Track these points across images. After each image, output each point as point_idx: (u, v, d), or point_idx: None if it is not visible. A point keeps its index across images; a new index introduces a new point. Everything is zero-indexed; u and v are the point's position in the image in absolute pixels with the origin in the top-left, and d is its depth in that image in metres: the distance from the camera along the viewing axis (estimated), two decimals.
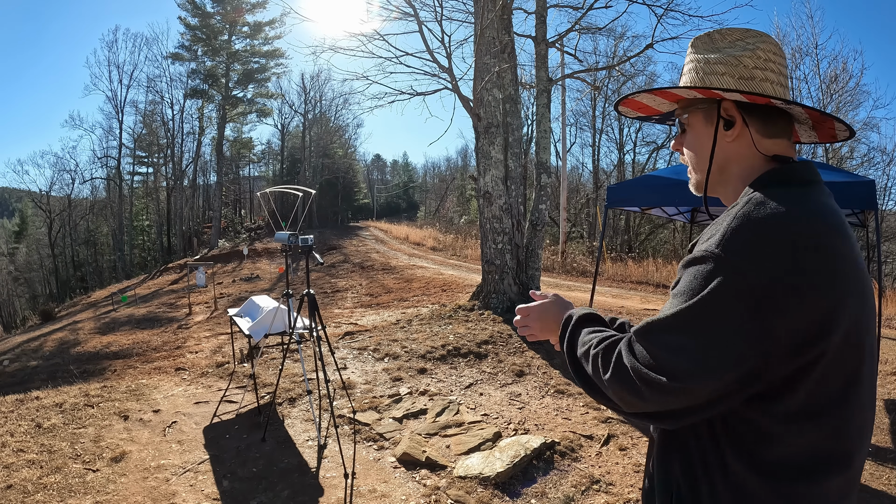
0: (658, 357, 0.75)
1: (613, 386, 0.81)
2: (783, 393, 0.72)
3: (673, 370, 0.73)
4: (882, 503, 2.95)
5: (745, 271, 0.70)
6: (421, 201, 57.69)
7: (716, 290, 0.71)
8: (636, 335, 0.80)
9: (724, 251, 0.72)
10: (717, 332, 0.71)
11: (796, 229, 0.71)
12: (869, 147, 19.50)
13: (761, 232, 0.71)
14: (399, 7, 7.74)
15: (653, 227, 23.37)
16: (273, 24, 31.04)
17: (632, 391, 0.78)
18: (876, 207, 3.77)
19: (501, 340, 5.89)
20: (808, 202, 0.76)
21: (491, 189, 7.32)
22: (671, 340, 0.75)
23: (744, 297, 0.69)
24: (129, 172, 35.80)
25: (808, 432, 0.73)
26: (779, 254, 0.69)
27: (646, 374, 0.75)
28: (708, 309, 0.72)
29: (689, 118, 0.93)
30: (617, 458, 3.40)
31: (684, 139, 0.96)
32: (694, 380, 0.72)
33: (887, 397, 4.55)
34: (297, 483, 3.15)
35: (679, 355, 0.73)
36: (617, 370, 0.80)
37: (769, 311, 0.69)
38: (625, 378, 0.79)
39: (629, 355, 0.79)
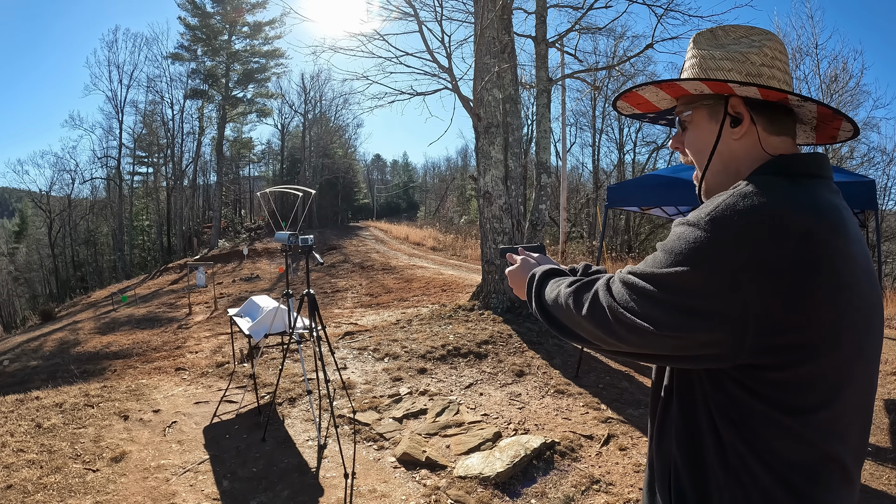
0: (635, 301, 0.78)
1: (589, 323, 0.84)
2: (769, 378, 0.73)
3: (646, 315, 0.77)
4: (882, 503, 2.95)
5: (728, 248, 0.71)
6: (421, 201, 57.67)
7: (698, 260, 0.73)
8: (616, 280, 0.83)
9: (712, 224, 0.73)
10: (691, 299, 0.73)
11: (782, 216, 0.71)
12: (869, 147, 19.50)
13: (749, 211, 0.72)
14: (399, 7, 7.74)
15: (653, 227, 23.37)
16: (273, 24, 31.06)
17: (607, 329, 0.82)
18: (876, 207, 3.77)
19: (501, 340, 5.89)
20: (803, 194, 0.76)
21: (491, 189, 7.32)
22: (649, 291, 0.77)
23: (721, 269, 0.71)
24: (129, 172, 35.82)
25: (801, 426, 0.74)
26: (761, 235, 0.70)
27: (621, 314, 0.79)
28: (687, 277, 0.74)
29: (693, 115, 0.91)
30: (617, 458, 3.40)
31: (685, 137, 0.94)
32: (666, 329, 0.75)
33: (887, 397, 4.54)
34: (297, 483, 3.15)
35: (654, 306, 0.76)
36: (592, 308, 0.84)
37: (745, 289, 0.70)
38: (600, 316, 0.82)
39: (607, 295, 0.83)
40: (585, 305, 0.85)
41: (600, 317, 0.83)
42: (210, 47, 30.31)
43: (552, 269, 1.05)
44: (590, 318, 0.84)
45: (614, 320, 0.80)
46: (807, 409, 0.73)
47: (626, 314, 0.79)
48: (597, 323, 0.83)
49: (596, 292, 0.85)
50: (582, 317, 0.85)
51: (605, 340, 0.84)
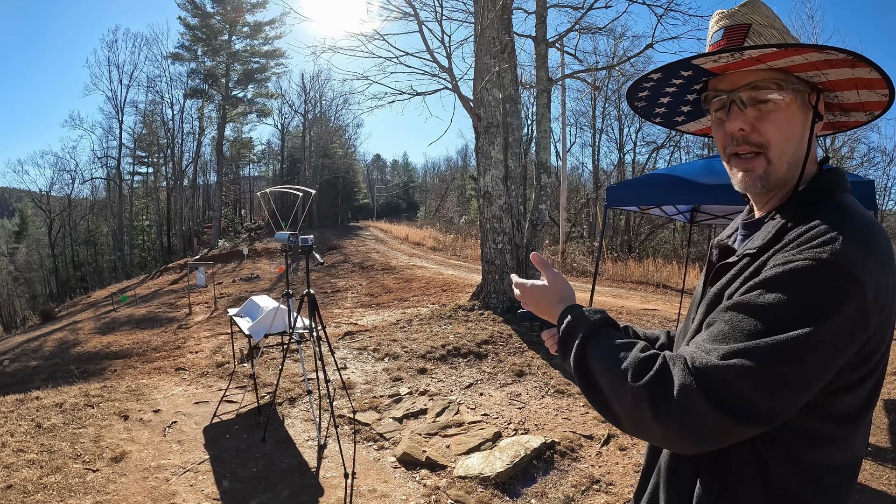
0: (750, 397, 0.64)
1: (669, 430, 0.67)
2: (845, 396, 0.70)
3: (765, 412, 0.64)
4: (882, 503, 2.95)
5: (865, 285, 0.63)
6: (421, 201, 57.66)
7: (842, 302, 0.63)
8: (721, 367, 0.65)
9: (847, 260, 0.64)
10: (830, 352, 0.64)
11: (881, 243, 0.68)
12: (869, 147, 19.59)
13: (870, 242, 0.67)
14: (399, 7, 7.75)
15: (653, 227, 23.36)
16: (273, 24, 31.05)
17: (696, 437, 0.66)
18: (876, 207, 3.77)
19: (501, 340, 5.89)
20: (870, 215, 0.75)
21: (491, 189, 7.32)
22: (770, 373, 0.63)
23: (861, 310, 0.63)
24: (129, 172, 35.83)
25: (853, 435, 0.73)
26: (885, 269, 0.66)
27: (725, 420, 0.64)
28: (831, 325, 0.63)
29: (789, 97, 0.78)
30: (617, 458, 3.40)
31: (764, 117, 0.79)
32: (787, 415, 0.65)
33: (887, 397, 4.54)
34: (297, 483, 3.15)
35: (777, 392, 0.63)
36: (683, 413, 0.65)
37: (868, 321, 0.64)
38: (692, 422, 0.65)
39: (704, 393, 0.65)
40: (671, 414, 0.66)
41: (697, 431, 0.66)
42: (210, 47, 30.30)
43: (605, 320, 0.84)
44: (678, 430, 0.67)
45: (721, 432, 0.65)
46: (857, 418, 0.73)
47: (739, 423, 0.64)
48: (688, 436, 0.66)
49: (686, 394, 0.66)
50: (665, 427, 0.67)
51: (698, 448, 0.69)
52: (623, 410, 0.72)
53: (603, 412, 0.76)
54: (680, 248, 21.08)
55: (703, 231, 20.25)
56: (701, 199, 4.24)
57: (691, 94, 0.94)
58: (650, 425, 0.69)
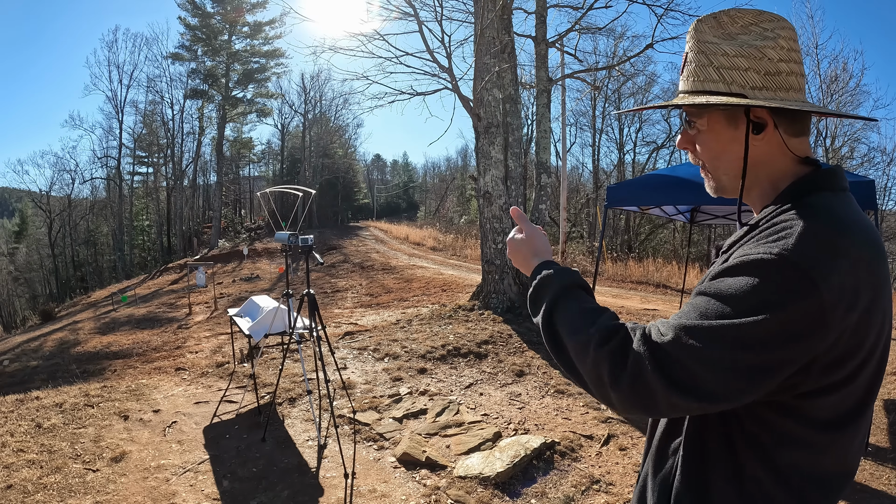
0: (693, 373, 0.66)
1: (623, 396, 0.71)
2: (820, 402, 0.70)
3: (707, 390, 0.66)
4: (882, 503, 2.95)
5: (819, 283, 0.63)
6: (421, 201, 57.67)
7: (787, 300, 0.64)
8: (668, 342, 0.69)
9: (800, 258, 0.65)
10: (777, 347, 0.65)
11: (854, 245, 0.67)
12: (869, 147, 19.60)
13: (829, 244, 0.66)
14: (399, 7, 7.75)
15: (653, 227, 23.37)
16: (273, 23, 31.05)
17: (646, 405, 0.70)
18: (876, 207, 3.77)
19: (501, 340, 5.89)
20: (857, 216, 0.73)
21: (491, 189, 7.32)
22: (716, 354, 0.66)
23: (814, 310, 0.63)
24: (129, 172, 35.83)
25: (838, 443, 0.72)
26: (843, 268, 0.65)
27: (669, 391, 0.67)
28: (774, 321, 0.64)
29: (708, 119, 0.83)
30: (617, 458, 3.40)
31: (698, 139, 0.86)
32: (730, 399, 0.67)
33: (887, 397, 4.54)
34: (297, 483, 3.15)
35: (719, 373, 0.66)
36: (633, 381, 0.69)
37: (831, 322, 0.64)
38: (641, 391, 0.69)
39: (652, 364, 0.69)
40: (626, 380, 0.70)
41: (643, 396, 0.69)
42: (210, 47, 30.30)
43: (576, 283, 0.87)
44: (629, 396, 0.70)
45: (666, 403, 0.68)
46: (841, 426, 0.72)
47: (684, 396, 0.67)
48: (637, 401, 0.70)
49: (640, 364, 0.70)
50: (618, 392, 0.71)
51: (644, 413, 0.72)
52: (586, 374, 0.76)
53: (568, 373, 0.80)
54: (680, 248, 21.08)
55: (703, 231, 20.25)
56: (701, 199, 4.25)
57: None
58: (607, 391, 0.73)
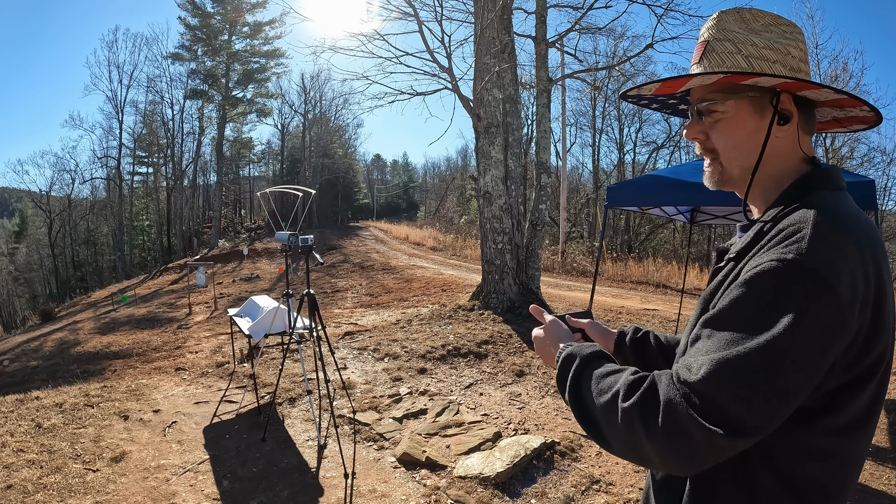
0: (730, 409, 0.63)
1: (660, 447, 0.66)
2: (838, 407, 0.69)
3: (748, 424, 0.63)
4: (882, 503, 2.95)
5: (835, 284, 0.62)
6: (421, 201, 57.68)
7: (810, 307, 0.62)
8: (700, 381, 0.65)
9: (814, 262, 0.63)
10: (809, 357, 0.62)
11: (862, 244, 0.67)
12: (869, 147, 19.53)
13: (843, 242, 0.65)
14: (399, 7, 7.75)
15: (653, 227, 23.37)
16: (273, 23, 31.05)
17: (686, 453, 0.65)
18: (876, 207, 3.76)
19: (501, 340, 5.89)
20: (860, 215, 0.73)
21: (491, 189, 7.32)
22: (754, 383, 0.63)
23: (835, 312, 0.62)
24: (129, 172, 35.84)
25: (845, 447, 0.71)
26: (861, 266, 0.65)
27: (708, 433, 0.63)
28: (802, 331, 0.62)
29: (734, 105, 0.80)
30: (617, 458, 3.40)
31: (714, 126, 0.83)
32: (774, 424, 0.64)
33: (887, 397, 4.55)
34: (297, 483, 3.15)
35: (757, 403, 0.62)
36: (668, 427, 0.65)
37: (848, 324, 0.63)
38: (679, 437, 0.65)
39: (686, 406, 0.64)
40: (659, 431, 0.66)
41: (682, 445, 0.65)
42: (210, 47, 30.30)
43: (595, 353, 0.85)
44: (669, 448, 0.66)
45: (708, 447, 0.64)
46: (856, 427, 0.71)
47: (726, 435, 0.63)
48: (679, 453, 0.66)
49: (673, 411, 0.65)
50: (656, 444, 0.67)
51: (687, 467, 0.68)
52: (616, 434, 0.72)
53: (598, 440, 0.75)
54: (680, 248, 21.08)
55: (703, 231, 20.25)
56: (701, 200, 4.24)
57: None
58: (643, 445, 0.68)
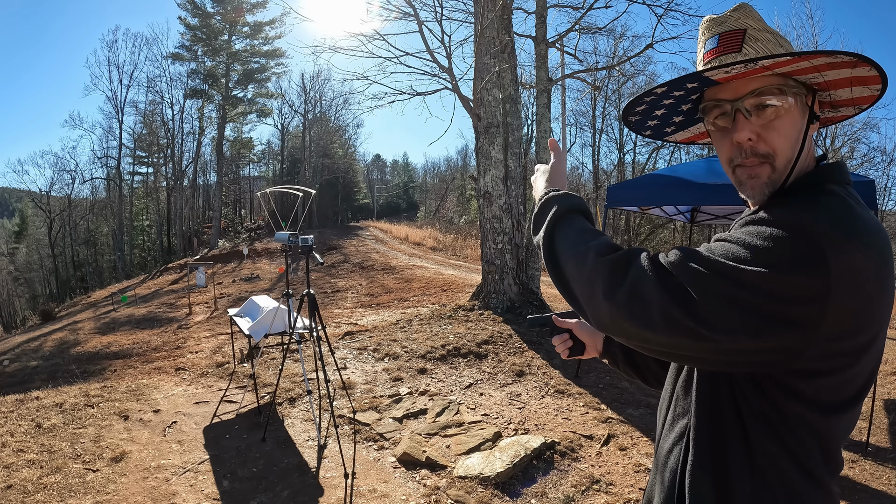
0: (700, 298, 0.66)
1: (617, 307, 0.69)
2: (821, 383, 0.72)
3: (706, 315, 0.65)
4: (882, 503, 2.95)
5: (830, 257, 0.65)
6: (421, 201, 57.66)
7: (792, 260, 0.65)
8: (674, 263, 0.69)
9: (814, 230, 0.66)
10: (777, 302, 0.65)
11: (863, 228, 0.69)
12: (869, 147, 19.55)
13: (851, 223, 0.68)
14: (399, 7, 7.75)
15: (653, 227, 23.37)
16: (273, 23, 31.05)
17: (642, 320, 0.68)
18: (876, 207, 3.77)
19: (501, 340, 5.89)
20: (867, 209, 0.75)
21: (491, 189, 7.32)
22: (723, 289, 0.66)
23: (817, 276, 0.65)
24: (129, 172, 35.82)
25: (835, 422, 0.74)
26: (858, 251, 0.67)
27: (674, 308, 0.66)
28: (775, 275, 0.65)
29: (793, 101, 0.79)
30: (617, 458, 3.40)
31: (770, 125, 0.79)
32: (728, 335, 0.66)
33: (887, 397, 4.54)
34: (297, 483, 3.15)
35: (726, 306, 0.65)
36: (633, 291, 0.69)
37: (833, 295, 0.65)
38: (639, 304, 0.68)
39: (658, 281, 0.68)
40: (622, 288, 0.69)
41: (641, 308, 0.68)
42: (210, 47, 30.30)
43: (580, 207, 0.86)
44: (625, 306, 0.69)
45: (661, 315, 0.67)
46: (841, 409, 0.74)
47: (682, 310, 0.66)
48: (634, 313, 0.69)
49: (641, 274, 0.70)
50: (612, 301, 0.70)
51: (640, 331, 0.69)
52: (581, 283, 0.75)
53: (561, 289, 0.79)
54: None
55: (704, 231, 20.24)
56: (701, 199, 4.25)
57: (686, 105, 0.93)
58: (599, 301, 0.71)
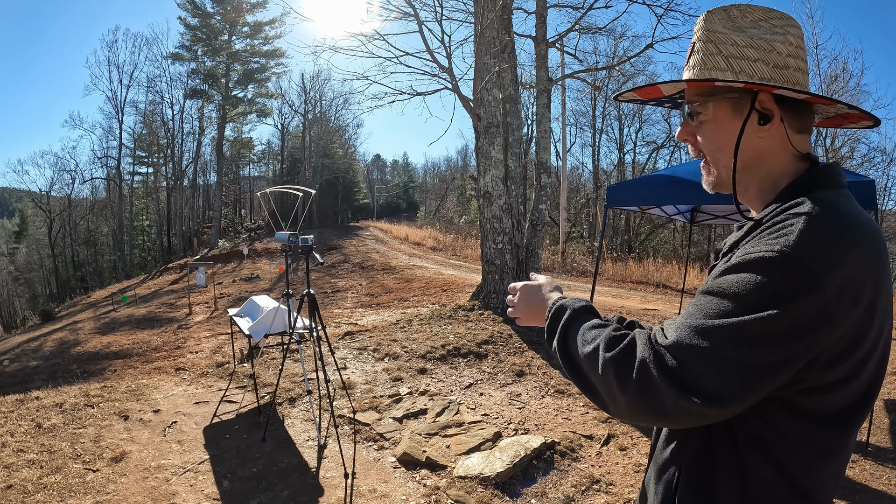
0: (700, 374, 0.66)
1: (631, 402, 0.71)
2: (827, 398, 0.70)
3: (715, 392, 0.65)
4: (882, 503, 2.95)
5: (822, 278, 0.63)
6: (421, 201, 57.67)
7: (792, 296, 0.63)
8: (673, 345, 0.69)
9: (802, 254, 0.64)
10: (783, 343, 0.64)
11: (855, 241, 0.67)
12: (869, 147, 19.52)
13: (839, 238, 0.66)
14: (399, 7, 7.75)
15: (653, 227, 23.37)
16: (273, 23, 31.05)
17: (654, 412, 0.69)
18: (876, 207, 3.76)
19: (501, 340, 5.89)
20: (858, 213, 0.72)
21: (491, 189, 7.32)
22: (722, 354, 0.65)
23: (818, 306, 0.63)
24: (129, 172, 35.82)
25: (840, 434, 0.72)
26: (845, 264, 0.65)
27: (677, 395, 0.66)
28: (779, 317, 0.63)
29: (713, 108, 0.82)
30: (617, 458, 3.40)
31: (700, 130, 0.84)
32: (738, 399, 0.66)
33: (887, 397, 4.54)
34: (297, 483, 3.15)
35: (726, 373, 0.65)
36: (641, 385, 0.69)
37: (834, 318, 0.64)
38: (649, 397, 0.68)
39: (658, 367, 0.68)
40: (632, 384, 0.70)
41: (651, 401, 0.69)
42: (210, 47, 30.30)
43: (586, 307, 0.88)
44: (637, 401, 0.70)
45: (674, 407, 0.67)
46: (844, 421, 0.72)
47: (692, 399, 0.65)
48: (646, 407, 0.69)
49: (644, 366, 0.69)
50: (627, 397, 0.70)
51: (654, 422, 0.72)
52: (599, 384, 0.75)
53: (583, 390, 0.79)
54: (680, 248, 21.08)
55: (703, 231, 20.25)
56: (701, 199, 4.25)
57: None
58: (617, 397, 0.72)
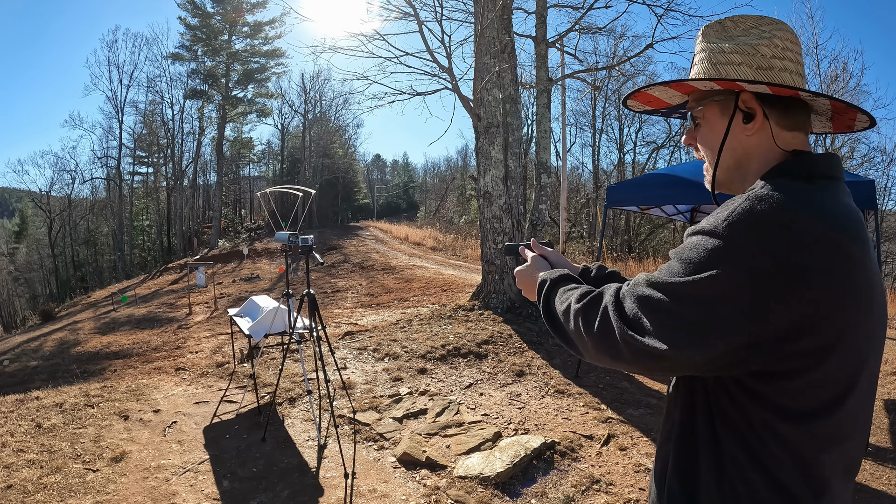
0: (648, 322, 0.75)
1: (595, 344, 0.81)
2: (777, 385, 0.72)
3: (661, 337, 0.73)
4: (882, 503, 2.95)
5: (749, 252, 0.69)
6: (421, 201, 57.65)
7: (719, 265, 0.71)
8: (628, 295, 0.79)
9: (731, 230, 0.71)
10: (714, 307, 0.71)
11: (799, 221, 0.69)
12: (869, 147, 19.50)
13: (767, 218, 0.70)
14: (399, 7, 7.75)
15: (653, 227, 23.37)
16: (273, 23, 31.04)
17: (613, 352, 0.79)
18: (876, 207, 3.76)
19: (501, 340, 5.89)
20: (821, 197, 0.74)
21: (491, 189, 7.32)
22: (664, 307, 0.74)
23: (744, 277, 0.69)
24: (129, 172, 35.82)
25: (804, 432, 0.73)
26: (781, 242, 0.69)
27: (630, 337, 0.75)
28: (708, 284, 0.71)
29: (704, 111, 0.89)
30: (617, 458, 3.40)
31: (697, 133, 0.92)
32: (679, 350, 0.73)
33: (887, 397, 4.55)
34: (297, 483, 3.15)
35: (670, 324, 0.73)
36: (602, 329, 0.80)
37: (766, 293, 0.68)
38: (608, 338, 0.79)
39: (616, 315, 0.79)
40: (595, 327, 0.81)
41: (609, 341, 0.79)
42: (210, 47, 30.29)
43: (563, 276, 1.00)
44: (599, 342, 0.81)
45: (624, 345, 0.77)
46: (808, 417, 0.73)
47: (638, 337, 0.75)
48: (606, 347, 0.80)
49: (605, 311, 0.81)
50: (591, 339, 0.82)
51: (616, 363, 0.81)
52: (572, 333, 0.87)
53: (563, 342, 0.91)
54: None
55: None
56: (701, 199, 4.24)
57: None
58: (586, 341, 0.83)
